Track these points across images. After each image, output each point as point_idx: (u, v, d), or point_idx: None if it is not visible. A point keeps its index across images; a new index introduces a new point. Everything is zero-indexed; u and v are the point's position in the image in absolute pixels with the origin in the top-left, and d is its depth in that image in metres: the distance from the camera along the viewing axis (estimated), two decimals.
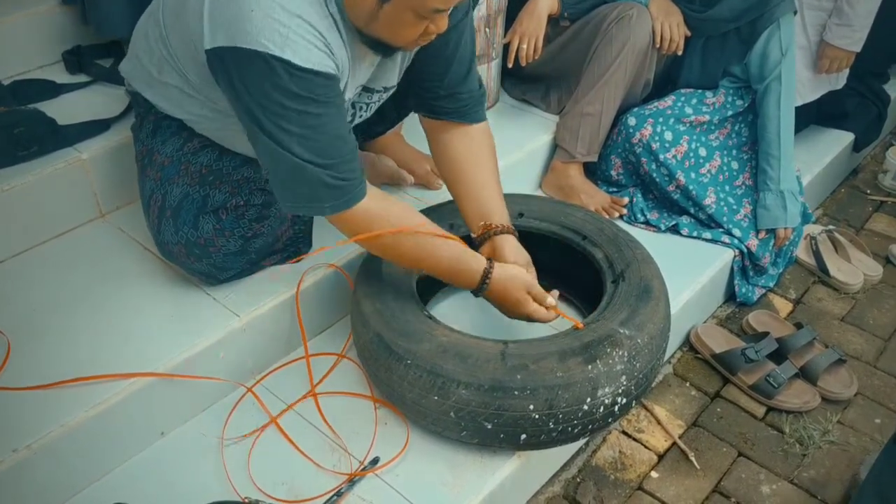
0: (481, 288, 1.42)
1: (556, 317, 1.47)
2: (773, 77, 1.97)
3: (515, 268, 1.44)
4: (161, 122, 1.50)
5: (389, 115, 1.76)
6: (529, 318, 1.46)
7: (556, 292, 1.48)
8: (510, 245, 1.49)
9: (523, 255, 1.50)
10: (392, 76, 1.48)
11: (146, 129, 1.53)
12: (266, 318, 1.54)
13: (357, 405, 1.51)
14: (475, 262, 1.41)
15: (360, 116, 1.53)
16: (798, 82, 2.17)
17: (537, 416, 1.30)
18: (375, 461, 1.40)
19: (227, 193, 1.48)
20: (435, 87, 1.53)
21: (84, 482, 1.35)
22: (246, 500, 1.29)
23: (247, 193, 1.50)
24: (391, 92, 1.53)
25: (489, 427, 1.32)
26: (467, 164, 1.55)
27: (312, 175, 1.24)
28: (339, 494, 1.33)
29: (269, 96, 1.18)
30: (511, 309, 1.46)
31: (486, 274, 1.41)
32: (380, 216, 1.33)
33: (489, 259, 1.43)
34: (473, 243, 1.51)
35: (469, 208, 1.55)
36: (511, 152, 2.03)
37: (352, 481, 1.36)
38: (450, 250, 1.39)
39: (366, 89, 1.46)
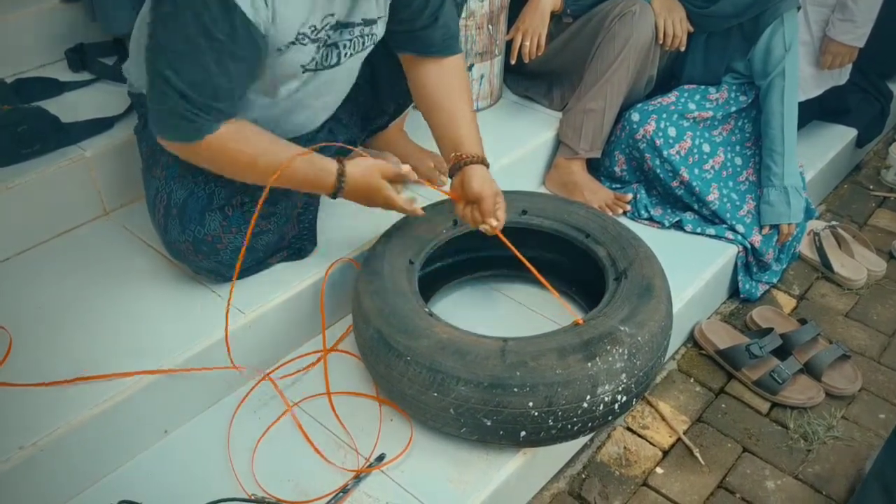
0: (339, 186, 1.42)
1: (415, 204, 1.50)
2: (776, 73, 1.96)
3: (369, 158, 1.46)
4: None
5: (388, 107, 1.75)
6: (390, 205, 1.47)
7: (408, 166, 1.50)
8: (478, 175, 1.50)
9: (490, 185, 1.51)
10: (370, 7, 1.45)
11: (147, 128, 1.53)
12: (271, 316, 1.54)
13: (361, 402, 1.51)
14: (328, 163, 1.42)
15: (346, 55, 1.48)
16: (801, 78, 2.16)
17: (536, 414, 1.30)
18: (381, 458, 1.40)
19: (232, 190, 1.49)
20: (411, 21, 1.53)
21: (89, 480, 1.36)
22: (252, 498, 1.29)
23: (251, 190, 1.50)
24: (375, 33, 1.50)
25: (488, 424, 1.32)
26: (440, 94, 1.57)
27: (172, 100, 1.25)
28: (345, 492, 1.33)
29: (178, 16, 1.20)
30: (372, 198, 1.47)
31: (341, 172, 1.41)
32: (233, 151, 1.33)
33: (338, 159, 1.43)
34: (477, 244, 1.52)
35: (443, 139, 1.57)
36: (514, 149, 2.03)
37: (358, 478, 1.36)
38: (302, 161, 1.39)
39: (343, 24, 1.43)
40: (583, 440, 1.63)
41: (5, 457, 1.22)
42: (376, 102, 1.77)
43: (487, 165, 1.54)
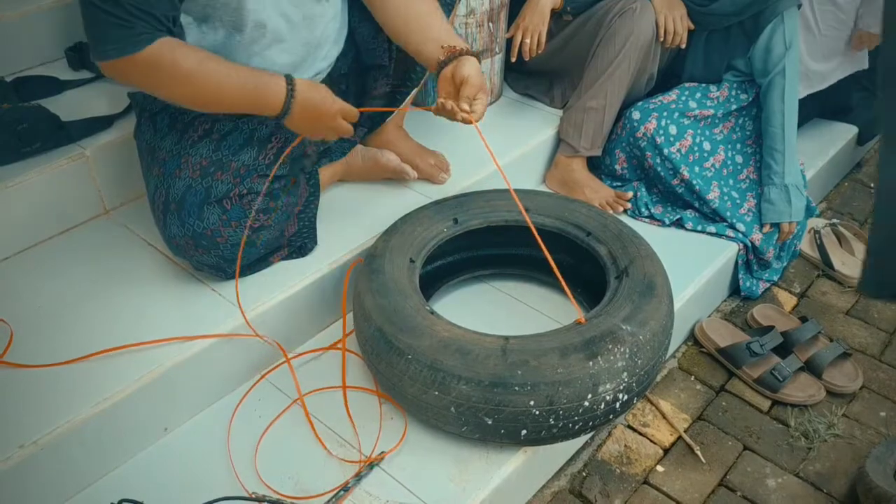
0: (288, 104, 1.38)
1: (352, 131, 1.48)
2: (776, 71, 1.96)
3: (316, 83, 1.43)
4: (156, 117, 1.52)
5: (382, 89, 1.74)
6: (337, 132, 1.45)
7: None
8: (471, 63, 1.44)
9: (480, 76, 1.46)
10: None
11: (143, 126, 1.55)
12: (272, 314, 1.54)
13: (362, 400, 1.51)
14: (274, 81, 1.38)
15: None
16: (807, 73, 2.17)
17: (538, 412, 1.30)
18: (382, 456, 1.40)
19: (230, 183, 1.49)
20: None
21: (90, 478, 1.36)
22: (253, 496, 1.29)
23: (249, 182, 1.50)
24: None
25: (489, 423, 1.32)
26: (408, 3, 1.53)
27: (105, 13, 1.23)
28: (346, 489, 1.33)
29: None
30: (320, 121, 1.43)
31: (291, 85, 1.38)
32: (170, 64, 1.30)
33: (286, 75, 1.40)
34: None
35: (423, 41, 1.50)
36: (514, 147, 2.02)
37: (359, 476, 1.36)
38: (245, 77, 1.36)
39: None
40: (583, 439, 1.63)
41: (6, 455, 1.22)
42: (373, 83, 1.77)
43: (479, 60, 1.49)
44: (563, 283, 1.43)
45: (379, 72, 1.77)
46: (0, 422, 1.27)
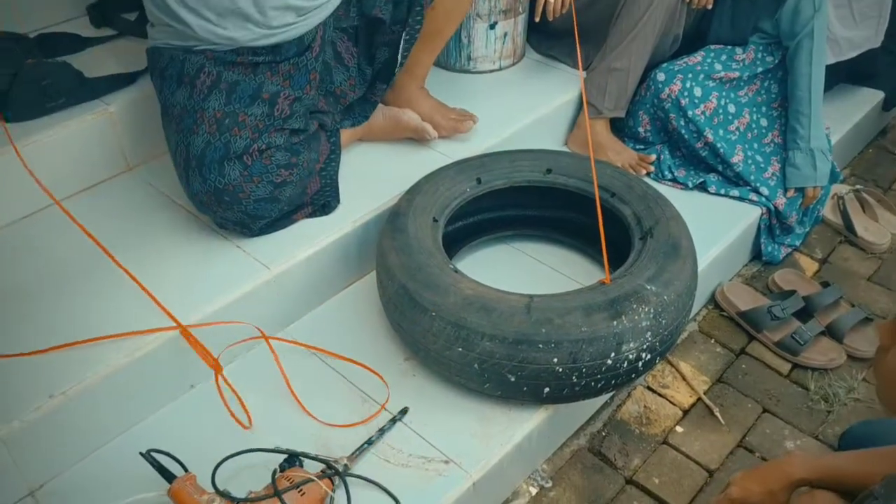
0: None
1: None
2: (804, 33, 1.93)
3: None
4: (164, 72, 1.51)
5: (387, 37, 1.73)
6: None
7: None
8: None
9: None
10: None
11: (156, 84, 1.55)
12: (296, 271, 1.54)
13: (384, 357, 1.52)
14: None
15: None
16: (834, 40, 2.13)
17: (561, 370, 1.30)
18: (404, 411, 1.41)
19: (248, 139, 1.49)
20: None
21: (117, 429, 1.38)
22: (276, 449, 1.30)
23: (267, 136, 1.50)
24: None
25: (512, 379, 1.33)
26: None
27: None
28: (369, 443, 1.35)
29: None
30: None
31: None
32: None
33: None
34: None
35: None
36: (537, 108, 2.01)
37: (382, 430, 1.37)
38: None
39: None
40: (604, 398, 1.64)
41: (36, 405, 1.24)
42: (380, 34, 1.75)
43: None
44: (604, 243, 1.43)
45: (381, 24, 1.74)
46: (31, 372, 1.29)
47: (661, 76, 1.98)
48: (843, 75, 2.40)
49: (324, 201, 1.64)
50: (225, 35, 1.46)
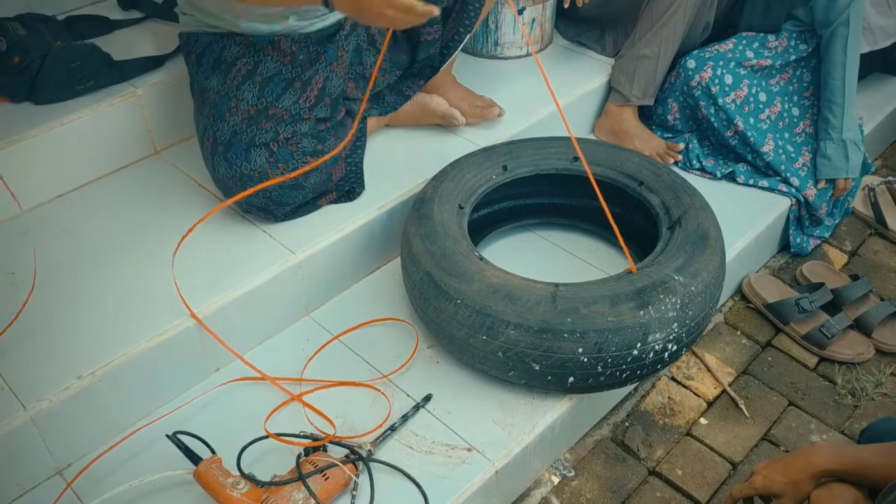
0: None
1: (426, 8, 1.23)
2: (839, 21, 1.89)
3: None
4: (201, 58, 1.51)
5: (434, 35, 1.71)
6: (393, 10, 1.20)
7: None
8: None
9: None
10: None
11: (191, 67, 1.55)
12: (321, 256, 1.54)
13: (408, 343, 1.52)
14: None
15: None
16: (869, 29, 2.09)
17: (586, 360, 1.30)
18: (428, 398, 1.41)
19: (273, 131, 1.50)
20: None
21: (144, 411, 1.39)
22: (300, 434, 1.31)
23: (291, 126, 1.50)
24: None
25: (537, 368, 1.32)
26: None
27: None
28: (392, 429, 1.35)
29: None
30: (370, 7, 1.22)
31: None
32: None
33: None
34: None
35: None
36: (564, 95, 1.99)
37: (405, 417, 1.37)
38: None
39: None
40: (627, 389, 1.63)
41: (64, 385, 1.26)
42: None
43: None
44: (618, 231, 1.42)
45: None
46: (59, 353, 1.31)
47: (691, 63, 1.95)
48: (878, 65, 2.35)
49: (349, 187, 1.63)
50: (266, 30, 1.47)
